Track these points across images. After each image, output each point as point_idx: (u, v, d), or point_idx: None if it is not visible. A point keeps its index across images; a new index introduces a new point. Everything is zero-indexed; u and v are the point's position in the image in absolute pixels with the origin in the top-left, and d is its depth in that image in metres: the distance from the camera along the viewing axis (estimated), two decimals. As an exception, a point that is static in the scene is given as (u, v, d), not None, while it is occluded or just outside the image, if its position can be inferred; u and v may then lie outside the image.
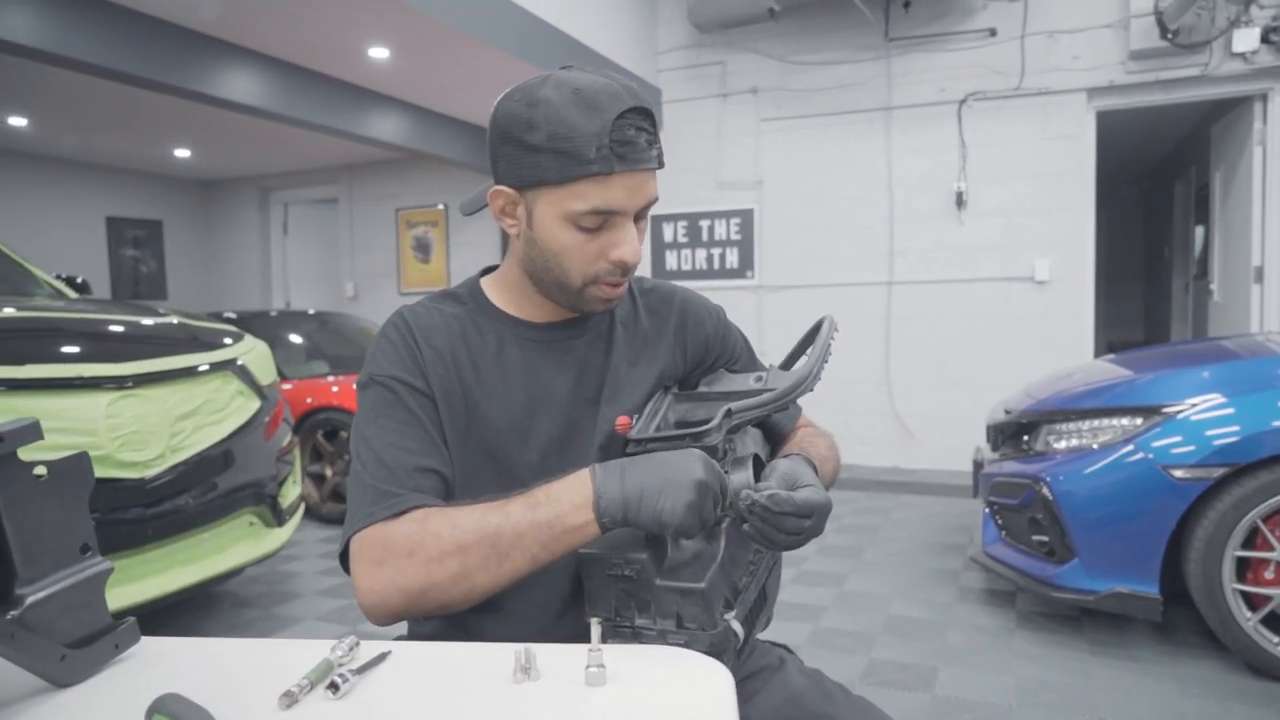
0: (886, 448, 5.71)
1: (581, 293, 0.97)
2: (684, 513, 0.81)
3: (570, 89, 0.89)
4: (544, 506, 0.84)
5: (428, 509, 0.88)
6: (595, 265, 0.95)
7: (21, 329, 2.58)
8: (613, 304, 1.00)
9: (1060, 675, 2.52)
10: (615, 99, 0.89)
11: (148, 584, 2.46)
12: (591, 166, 0.88)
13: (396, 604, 0.86)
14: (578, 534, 0.84)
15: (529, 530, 0.84)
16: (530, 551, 0.84)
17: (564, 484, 0.86)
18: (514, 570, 0.85)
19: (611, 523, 0.84)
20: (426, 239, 8.04)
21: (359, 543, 0.88)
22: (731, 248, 6.15)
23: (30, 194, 7.77)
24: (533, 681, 0.73)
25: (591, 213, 0.91)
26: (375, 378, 0.97)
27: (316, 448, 4.74)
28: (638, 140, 0.90)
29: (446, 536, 0.84)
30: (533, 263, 0.98)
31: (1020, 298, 5.39)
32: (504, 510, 0.85)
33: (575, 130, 0.88)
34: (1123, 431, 2.71)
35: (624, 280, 0.98)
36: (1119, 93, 5.15)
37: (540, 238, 0.95)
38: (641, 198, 0.93)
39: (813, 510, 0.86)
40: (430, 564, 0.84)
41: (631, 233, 0.94)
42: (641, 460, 0.87)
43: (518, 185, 0.94)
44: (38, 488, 0.74)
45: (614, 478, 0.85)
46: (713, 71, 6.07)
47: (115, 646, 0.79)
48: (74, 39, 3.99)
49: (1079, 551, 2.66)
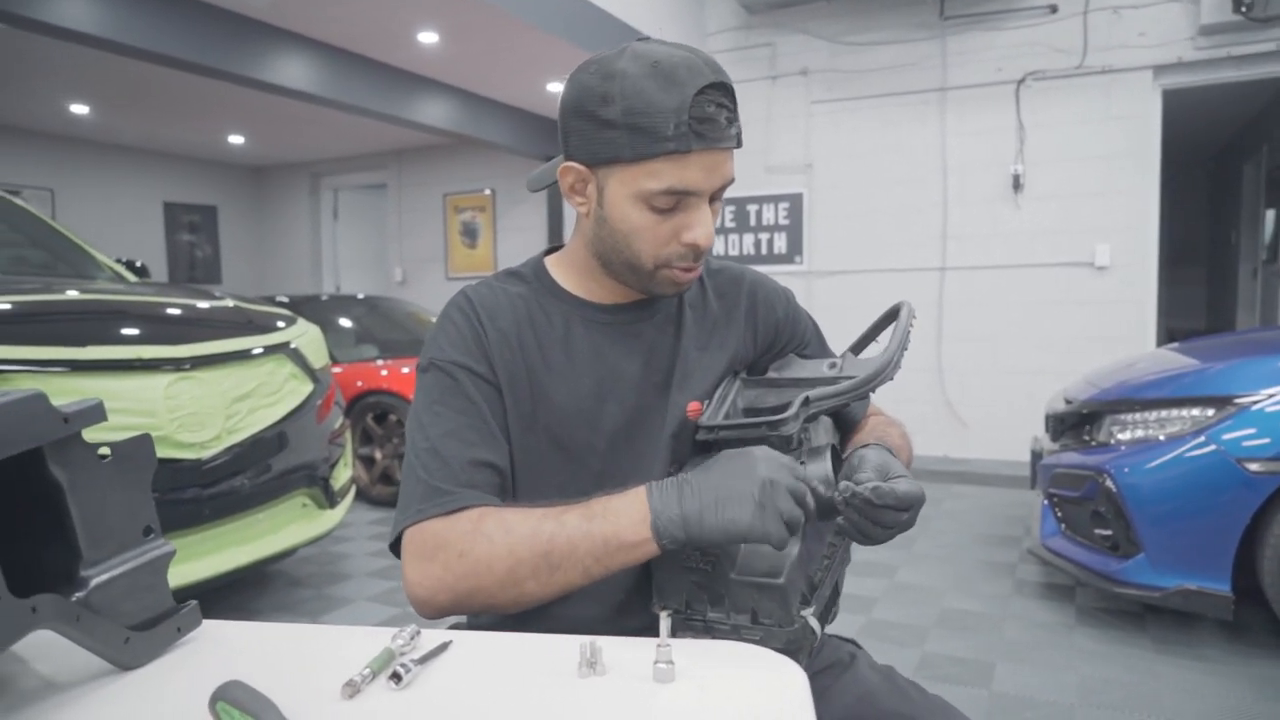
0: (937, 437, 5.60)
1: (653, 275, 0.93)
2: (752, 517, 0.77)
3: (648, 61, 0.85)
4: (600, 519, 0.81)
5: (483, 509, 0.86)
6: (667, 248, 0.91)
7: (84, 311, 2.63)
8: (684, 288, 0.96)
9: (1124, 674, 2.44)
10: (695, 73, 0.85)
11: (204, 563, 2.50)
12: (668, 144, 0.84)
13: (443, 602, 0.84)
14: (634, 551, 0.81)
15: (583, 542, 0.81)
16: (583, 564, 0.81)
17: (624, 498, 0.82)
18: (565, 581, 0.82)
19: (673, 543, 0.80)
20: (474, 224, 8.07)
21: (411, 536, 0.86)
22: (780, 233, 6.07)
23: (92, 180, 7.98)
24: (598, 676, 0.71)
25: (666, 193, 0.87)
26: (436, 361, 0.94)
27: (366, 430, 4.79)
28: (718, 117, 0.85)
29: (499, 541, 0.82)
30: (602, 243, 0.94)
31: (1079, 284, 5.23)
32: (560, 519, 0.82)
33: (652, 105, 0.83)
34: (1193, 423, 2.61)
35: (697, 265, 0.94)
36: (1187, 70, 4.95)
37: (611, 217, 0.91)
38: (718, 178, 0.89)
39: (912, 503, 0.83)
40: (480, 567, 0.82)
41: (706, 214, 0.90)
42: (697, 474, 0.82)
43: (589, 162, 0.90)
44: (102, 469, 0.74)
45: (671, 496, 0.81)
46: (761, 53, 5.98)
47: (178, 630, 0.79)
48: (133, 26, 4.06)
49: (1145, 546, 2.57)
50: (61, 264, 3.32)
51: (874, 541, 0.85)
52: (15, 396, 0.66)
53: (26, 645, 0.70)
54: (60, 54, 4.90)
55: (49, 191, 7.60)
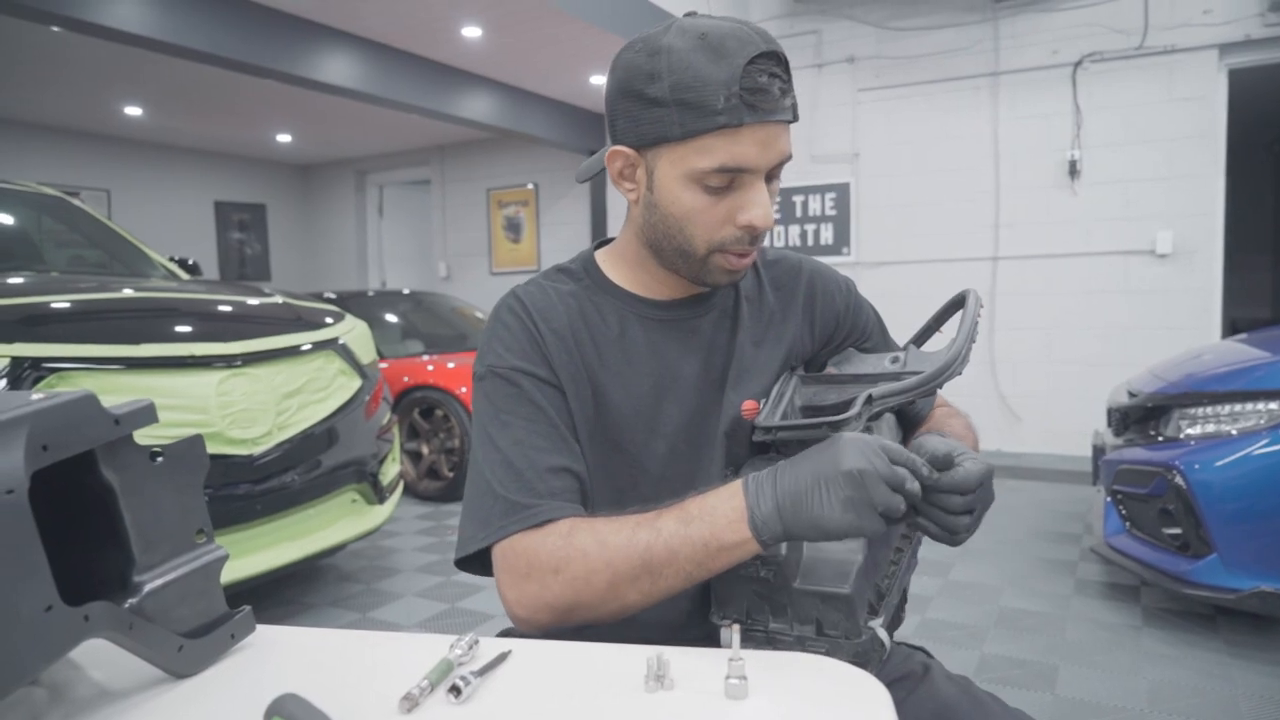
0: (990, 430, 5.46)
1: (706, 262, 0.88)
2: (841, 511, 0.72)
3: (696, 34, 0.81)
4: (698, 522, 0.77)
5: (572, 521, 0.82)
6: (722, 231, 0.86)
7: (139, 309, 2.67)
8: (739, 276, 0.91)
9: (1197, 679, 2.34)
10: (745, 43, 0.80)
11: (256, 559, 2.52)
12: (719, 118, 0.79)
13: (544, 619, 0.81)
14: (735, 551, 0.76)
15: (682, 547, 0.76)
16: (684, 570, 0.77)
17: (718, 495, 0.78)
18: (668, 588, 0.78)
19: (773, 539, 0.75)
20: (517, 219, 8.09)
21: (501, 553, 0.83)
22: (826, 223, 5.97)
23: (146, 181, 8.17)
24: (666, 691, 0.67)
25: (719, 170, 0.82)
26: (494, 369, 0.90)
27: (413, 426, 4.82)
28: (770, 88, 0.80)
29: (595, 555, 0.78)
30: (653, 229, 0.89)
31: (1139, 272, 5.06)
32: (655, 526, 0.78)
33: (701, 79, 0.79)
34: (1268, 417, 2.49)
35: (752, 250, 0.88)
36: (1255, 48, 4.74)
37: (661, 201, 0.87)
38: (775, 154, 0.83)
39: (973, 483, 0.77)
40: (577, 583, 0.78)
41: (763, 193, 0.85)
42: (791, 464, 0.77)
43: (638, 144, 0.86)
44: (154, 471, 0.72)
45: (767, 491, 0.76)
46: (807, 41, 5.87)
47: (231, 636, 0.77)
48: (184, 27, 4.12)
49: (1217, 546, 2.46)
50: (117, 263, 3.38)
51: (956, 533, 0.79)
52: (66, 398, 0.64)
53: (81, 651, 0.68)
54: (114, 57, 5.00)
55: (105, 192, 7.79)
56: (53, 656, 0.61)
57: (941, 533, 0.79)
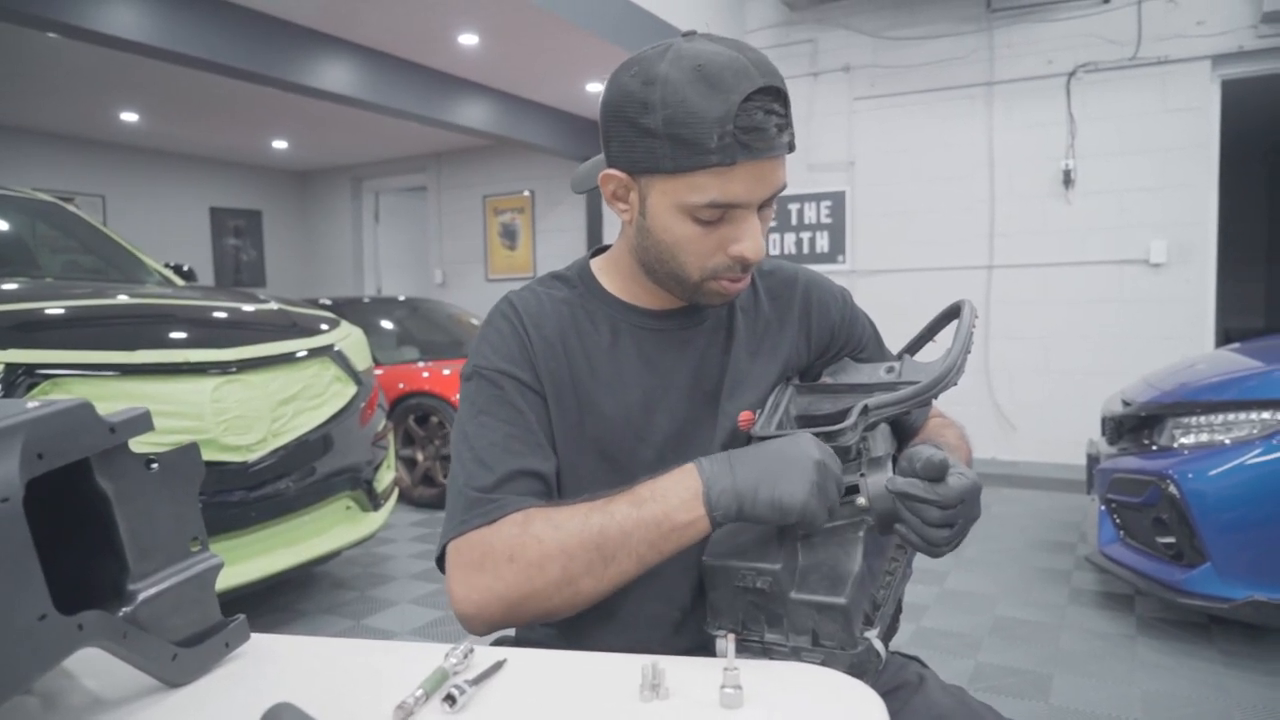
0: (985, 439, 5.47)
1: (699, 288, 0.89)
2: (807, 493, 0.76)
3: (692, 65, 0.79)
4: (650, 503, 0.78)
5: (528, 510, 0.83)
6: (713, 260, 0.86)
7: (133, 316, 2.66)
8: (732, 298, 0.92)
9: (1191, 688, 2.34)
10: (742, 76, 0.78)
11: (250, 565, 2.51)
12: (711, 157, 0.78)
13: (495, 612, 0.81)
14: (688, 530, 0.78)
15: (635, 529, 0.78)
16: (637, 552, 0.78)
17: (670, 478, 0.80)
18: (620, 573, 0.79)
19: (724, 517, 0.78)
20: (513, 226, 8.10)
21: (455, 548, 0.83)
22: (822, 231, 5.99)
23: (142, 186, 8.16)
24: (661, 700, 0.67)
25: (709, 206, 0.82)
26: (480, 370, 0.91)
27: (408, 432, 4.81)
28: (766, 126, 0.79)
29: (549, 540, 0.79)
30: (646, 252, 0.90)
31: (1133, 281, 5.07)
32: (607, 509, 0.79)
33: (695, 115, 0.78)
34: (1262, 426, 2.50)
35: (745, 276, 0.89)
36: (1248, 59, 4.77)
37: (653, 228, 0.87)
38: (767, 188, 0.83)
39: (958, 497, 0.77)
40: (531, 569, 0.79)
41: (754, 226, 0.84)
42: (749, 450, 0.80)
43: (630, 170, 0.85)
44: (149, 480, 0.72)
45: (723, 468, 0.79)
46: (803, 50, 5.90)
47: (225, 645, 0.76)
48: (180, 34, 4.12)
49: (1211, 555, 2.46)
50: (112, 269, 3.37)
51: (935, 545, 0.79)
52: (62, 406, 0.64)
53: (75, 660, 0.68)
54: (111, 63, 5.00)
55: (100, 198, 7.77)
56: (46, 665, 0.61)
57: (921, 543, 0.79)
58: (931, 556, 0.81)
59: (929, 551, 0.80)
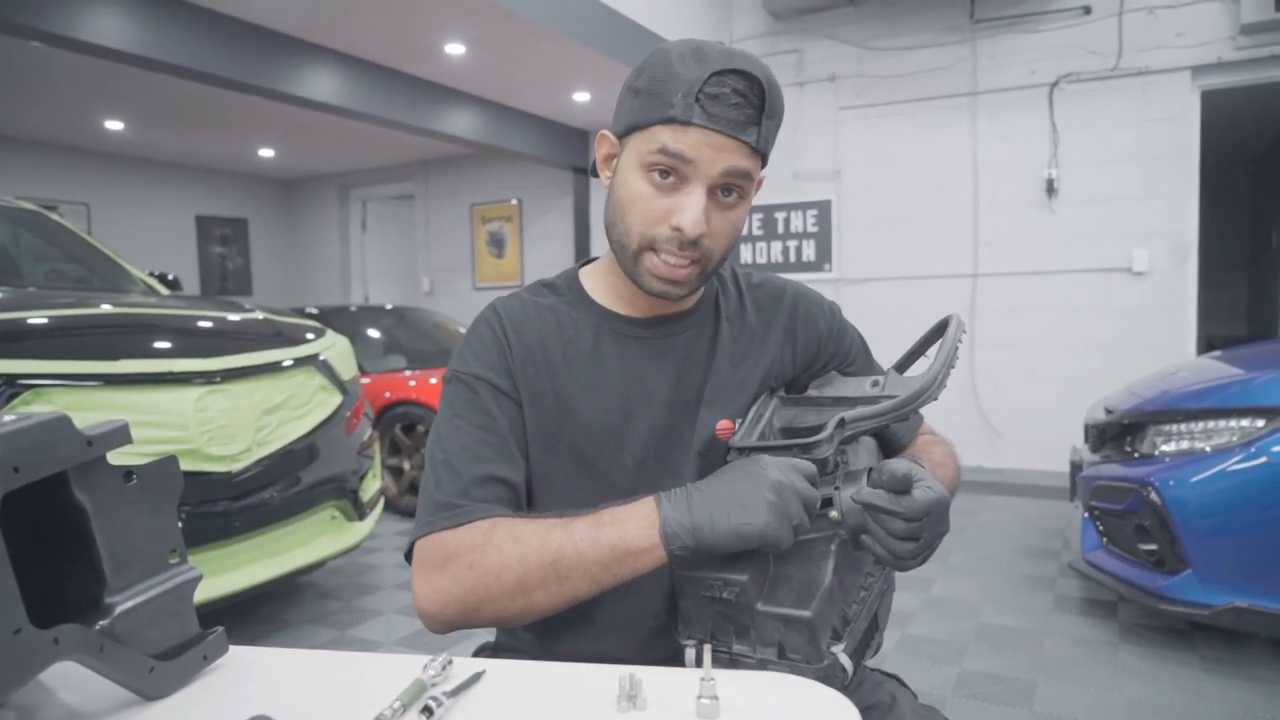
0: (971, 446, 5.50)
1: (638, 259, 0.89)
2: (766, 516, 0.76)
3: (693, 45, 0.86)
4: (609, 527, 0.79)
5: (494, 520, 0.84)
6: (656, 228, 0.87)
7: (117, 325, 2.65)
8: (672, 287, 0.89)
9: (1173, 694, 2.36)
10: (725, 57, 0.83)
11: (235, 576, 2.49)
12: (670, 110, 0.83)
13: (452, 614, 0.83)
14: (643, 558, 0.79)
15: (590, 550, 0.79)
16: (590, 573, 0.79)
17: (631, 506, 0.81)
18: (573, 591, 0.80)
19: (683, 550, 0.78)
20: (501, 234, 8.09)
21: (421, 548, 0.86)
22: (808, 240, 6.02)
23: (126, 195, 8.11)
24: (639, 711, 0.68)
25: (660, 152, 0.84)
26: (459, 374, 0.93)
27: (395, 441, 4.80)
28: (727, 100, 0.82)
29: (509, 551, 0.80)
30: (609, 217, 0.92)
31: (1117, 289, 5.12)
32: (569, 528, 0.80)
33: (672, 75, 0.84)
34: (1241, 434, 2.53)
35: (683, 256, 0.87)
36: (1227, 70, 4.84)
37: (616, 185, 0.90)
38: (719, 162, 0.84)
39: (921, 511, 0.77)
40: (488, 577, 0.81)
41: (697, 200, 0.85)
42: (709, 480, 0.81)
43: (618, 131, 0.91)
44: (127, 493, 0.72)
45: (680, 504, 0.79)
46: (789, 60, 5.94)
47: (204, 658, 0.76)
48: (166, 42, 4.11)
49: (1192, 562, 2.48)
50: (96, 278, 3.35)
51: (899, 559, 0.79)
52: (38, 420, 0.64)
53: (51, 674, 0.68)
54: (95, 71, 4.98)
55: (84, 206, 7.73)
56: (22, 679, 0.60)
57: (886, 555, 0.79)
58: (898, 570, 0.82)
59: (894, 564, 0.80)
